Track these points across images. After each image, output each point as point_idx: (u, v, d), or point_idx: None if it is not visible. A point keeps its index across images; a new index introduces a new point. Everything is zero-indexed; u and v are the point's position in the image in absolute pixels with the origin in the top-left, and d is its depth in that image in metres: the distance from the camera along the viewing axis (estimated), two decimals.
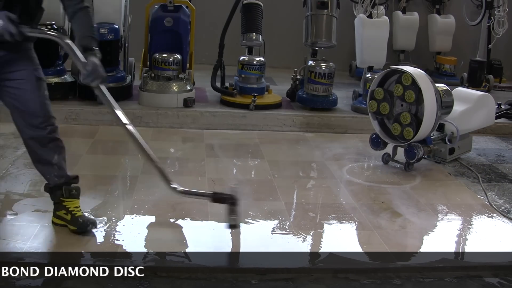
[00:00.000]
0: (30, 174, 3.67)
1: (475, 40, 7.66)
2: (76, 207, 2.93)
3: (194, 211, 3.25)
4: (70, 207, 2.92)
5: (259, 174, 3.99)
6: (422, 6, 7.99)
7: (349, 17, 6.49)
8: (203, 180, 3.77)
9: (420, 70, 4.25)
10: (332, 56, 5.83)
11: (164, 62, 5.17)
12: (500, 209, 3.63)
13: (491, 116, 4.83)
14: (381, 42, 5.67)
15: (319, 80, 5.44)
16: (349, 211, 3.44)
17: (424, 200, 3.70)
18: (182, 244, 2.92)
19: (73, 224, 2.89)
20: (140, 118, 5.04)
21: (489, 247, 3.11)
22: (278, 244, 2.97)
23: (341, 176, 4.07)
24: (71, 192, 2.93)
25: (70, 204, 2.92)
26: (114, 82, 5.24)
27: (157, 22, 5.25)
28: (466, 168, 4.43)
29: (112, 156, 4.21)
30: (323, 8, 5.42)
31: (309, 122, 5.24)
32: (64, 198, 2.92)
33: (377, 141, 4.38)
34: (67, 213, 2.91)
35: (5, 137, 4.29)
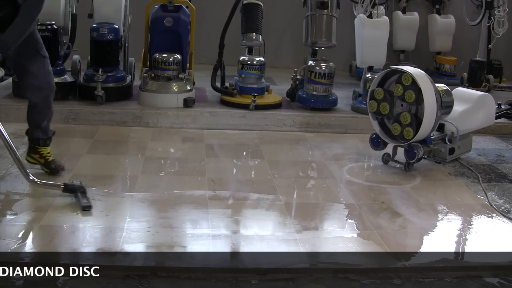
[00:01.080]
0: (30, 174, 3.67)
1: (475, 40, 7.66)
2: (48, 153, 3.66)
3: (194, 211, 3.26)
4: (43, 153, 3.65)
5: (259, 174, 3.99)
6: (422, 6, 7.98)
7: (349, 17, 6.49)
8: (203, 180, 3.77)
9: (420, 70, 4.25)
10: (332, 56, 5.83)
11: (164, 62, 5.17)
12: (500, 209, 3.63)
13: (491, 116, 4.83)
14: (381, 42, 5.67)
15: (319, 80, 5.44)
16: (349, 211, 3.44)
17: (424, 200, 3.70)
18: (182, 244, 2.92)
19: (46, 167, 3.65)
20: (140, 118, 5.04)
21: (489, 247, 3.11)
22: (278, 244, 2.97)
23: (341, 176, 4.07)
24: (46, 142, 3.66)
25: (43, 151, 3.65)
26: (114, 82, 5.25)
27: (157, 22, 5.25)
28: (466, 168, 4.43)
29: (112, 156, 4.21)
30: (323, 8, 5.41)
31: (309, 122, 5.24)
32: (39, 146, 3.64)
33: (377, 141, 4.38)
34: (41, 157, 3.65)
35: None
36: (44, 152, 3.66)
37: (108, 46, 5.19)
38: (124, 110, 5.05)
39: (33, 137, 3.66)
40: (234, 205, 3.43)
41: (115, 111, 5.03)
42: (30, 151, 3.69)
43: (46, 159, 3.66)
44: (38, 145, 3.64)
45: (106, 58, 5.22)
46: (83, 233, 2.93)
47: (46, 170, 3.66)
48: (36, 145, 3.65)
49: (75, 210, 3.18)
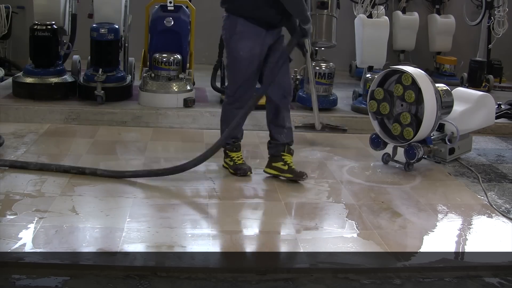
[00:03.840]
0: (30, 174, 3.68)
1: (475, 40, 7.66)
2: (292, 162, 3.82)
3: (194, 211, 3.26)
4: (288, 160, 3.81)
5: (259, 174, 3.99)
6: (422, 6, 7.99)
7: (349, 17, 6.49)
8: (203, 180, 3.77)
9: (420, 70, 4.25)
10: (332, 56, 5.83)
11: (164, 62, 5.17)
12: (500, 209, 3.63)
13: (491, 116, 4.83)
14: (381, 42, 5.67)
15: (319, 80, 5.44)
16: (349, 211, 3.44)
17: (424, 200, 3.70)
18: (182, 244, 2.92)
19: (289, 172, 3.78)
20: (140, 118, 5.04)
21: (489, 247, 3.11)
22: (278, 244, 2.97)
23: (341, 176, 4.07)
24: (290, 150, 3.83)
25: (287, 158, 3.81)
26: (114, 82, 5.25)
27: (157, 22, 5.25)
28: (466, 168, 4.43)
29: (112, 156, 4.21)
30: (323, 8, 5.41)
31: (309, 122, 5.23)
32: (285, 153, 3.80)
33: (377, 141, 4.38)
34: (284, 164, 3.79)
35: (5, 137, 4.29)
36: (288, 160, 3.82)
37: (108, 46, 5.20)
38: (124, 110, 5.05)
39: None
40: (234, 205, 3.43)
41: (115, 111, 5.03)
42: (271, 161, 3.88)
43: (289, 165, 3.81)
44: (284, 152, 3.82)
45: (106, 58, 5.22)
46: (83, 233, 2.93)
47: (289, 176, 3.81)
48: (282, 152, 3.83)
49: (75, 210, 3.18)
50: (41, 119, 4.90)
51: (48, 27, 5.12)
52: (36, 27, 5.12)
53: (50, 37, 5.14)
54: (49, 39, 5.15)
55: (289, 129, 3.84)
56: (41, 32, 5.11)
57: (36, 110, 4.93)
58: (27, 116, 4.90)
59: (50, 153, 4.15)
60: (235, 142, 3.91)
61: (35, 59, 5.19)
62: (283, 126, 3.80)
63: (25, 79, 5.18)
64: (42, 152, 4.16)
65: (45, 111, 4.93)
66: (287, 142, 3.82)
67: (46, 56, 5.19)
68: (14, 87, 5.27)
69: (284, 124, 3.80)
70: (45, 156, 4.06)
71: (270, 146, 3.88)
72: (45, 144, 4.37)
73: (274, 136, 3.84)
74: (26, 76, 5.20)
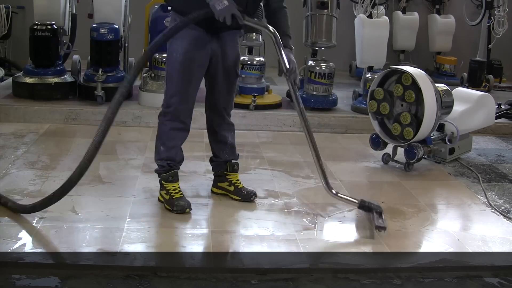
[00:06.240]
0: (30, 174, 3.68)
1: (475, 40, 7.66)
2: (237, 180, 3.49)
3: (194, 210, 3.25)
4: (233, 180, 3.48)
5: (259, 174, 3.99)
6: (422, 6, 7.99)
7: (349, 17, 6.49)
8: (203, 180, 3.77)
9: (420, 70, 4.25)
10: (332, 56, 5.83)
11: (164, 62, 5.16)
12: (500, 209, 3.63)
13: (491, 116, 4.83)
14: (381, 42, 5.67)
15: (319, 80, 5.44)
16: (349, 211, 3.44)
17: (424, 200, 3.70)
18: (182, 244, 2.92)
19: (236, 194, 3.45)
20: (140, 118, 5.04)
21: (489, 247, 3.11)
22: (278, 244, 2.97)
23: (341, 176, 4.07)
24: (234, 168, 3.49)
25: (232, 177, 3.48)
26: (114, 82, 5.24)
27: (157, 22, 5.24)
28: (466, 168, 4.43)
29: (112, 156, 4.20)
30: (323, 8, 5.42)
31: None
32: (228, 172, 3.47)
33: (377, 141, 4.38)
34: (230, 185, 3.47)
35: (5, 137, 4.29)
36: (233, 179, 3.49)
37: (108, 46, 5.20)
38: (124, 110, 5.04)
39: None
40: (234, 205, 3.43)
41: None
42: (217, 181, 3.55)
43: (236, 185, 3.49)
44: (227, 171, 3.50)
45: (106, 58, 5.22)
46: (83, 233, 2.93)
47: (236, 198, 3.47)
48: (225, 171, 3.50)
49: (75, 210, 3.18)
50: (41, 119, 4.90)
51: (48, 27, 5.12)
52: (36, 27, 5.12)
53: (50, 37, 5.14)
54: (49, 39, 5.15)
55: (232, 145, 3.47)
56: (41, 32, 5.11)
57: (36, 110, 4.93)
58: (27, 116, 4.90)
59: (50, 153, 4.15)
60: (172, 167, 3.29)
61: (35, 59, 5.19)
62: (225, 142, 3.44)
63: (25, 79, 5.19)
64: (42, 152, 4.16)
65: (45, 111, 4.93)
66: (229, 160, 3.48)
67: (46, 56, 5.19)
68: (14, 87, 5.27)
69: (226, 140, 3.44)
70: (45, 156, 4.06)
71: (212, 164, 3.54)
72: (45, 144, 4.37)
73: (215, 153, 3.50)
74: (26, 76, 5.20)
